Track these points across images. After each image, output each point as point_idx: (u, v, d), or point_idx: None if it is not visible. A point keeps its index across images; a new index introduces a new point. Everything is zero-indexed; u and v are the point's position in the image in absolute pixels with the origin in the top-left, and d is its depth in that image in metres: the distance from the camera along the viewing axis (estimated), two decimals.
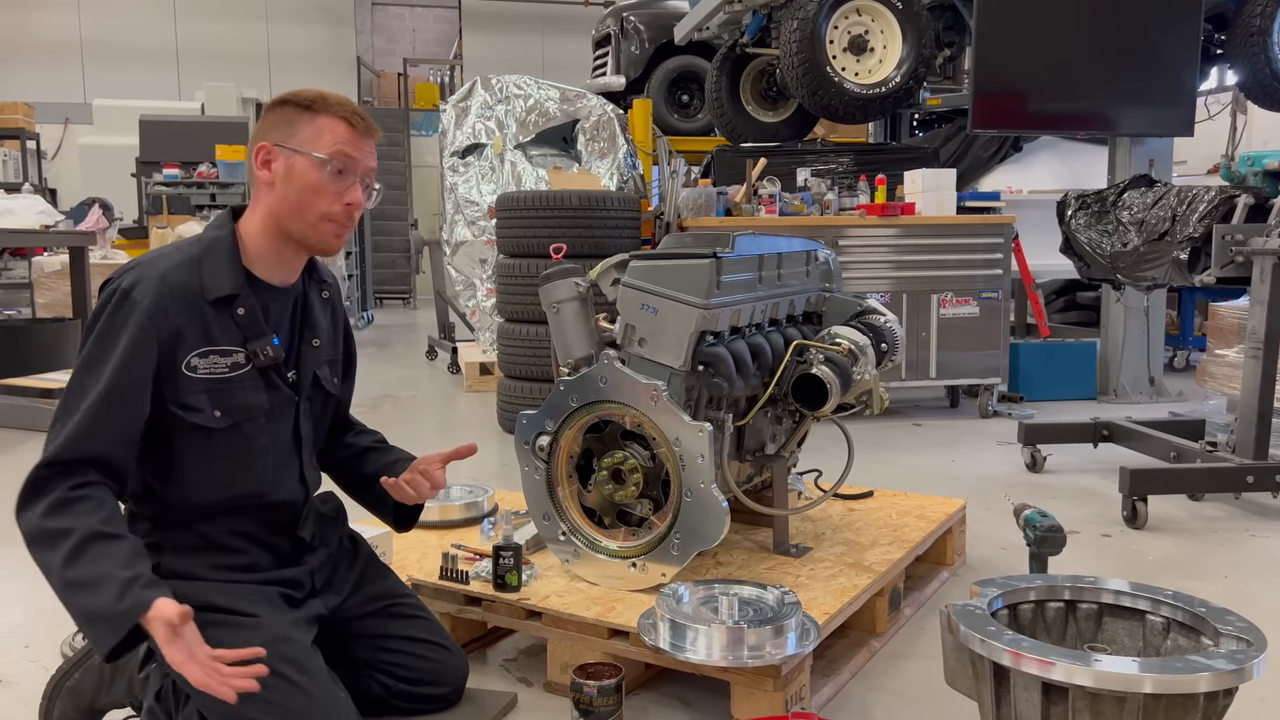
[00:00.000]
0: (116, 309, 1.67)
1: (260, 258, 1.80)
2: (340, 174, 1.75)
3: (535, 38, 16.11)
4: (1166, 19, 5.60)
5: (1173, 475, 3.58)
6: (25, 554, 1.63)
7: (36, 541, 1.59)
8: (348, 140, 1.76)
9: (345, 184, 1.76)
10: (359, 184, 1.78)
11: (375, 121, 1.83)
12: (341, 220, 1.78)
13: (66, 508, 1.59)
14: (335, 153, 1.74)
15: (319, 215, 1.76)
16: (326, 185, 1.74)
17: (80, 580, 1.55)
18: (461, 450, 1.95)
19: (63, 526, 1.58)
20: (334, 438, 2.08)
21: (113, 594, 1.53)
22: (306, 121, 1.75)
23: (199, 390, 1.72)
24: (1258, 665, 1.49)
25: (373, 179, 1.83)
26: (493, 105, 7.08)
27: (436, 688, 1.98)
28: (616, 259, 2.34)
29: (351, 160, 1.76)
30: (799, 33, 5.60)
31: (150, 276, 1.69)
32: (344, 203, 1.76)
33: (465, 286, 7.37)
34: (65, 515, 1.59)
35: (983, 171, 7.96)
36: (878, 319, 2.69)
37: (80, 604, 1.56)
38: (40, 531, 1.59)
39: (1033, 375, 5.85)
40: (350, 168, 1.76)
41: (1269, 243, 3.41)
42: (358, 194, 1.78)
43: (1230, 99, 9.05)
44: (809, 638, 1.96)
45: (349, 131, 1.76)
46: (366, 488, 2.06)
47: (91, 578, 1.55)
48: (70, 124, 14.40)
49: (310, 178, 1.74)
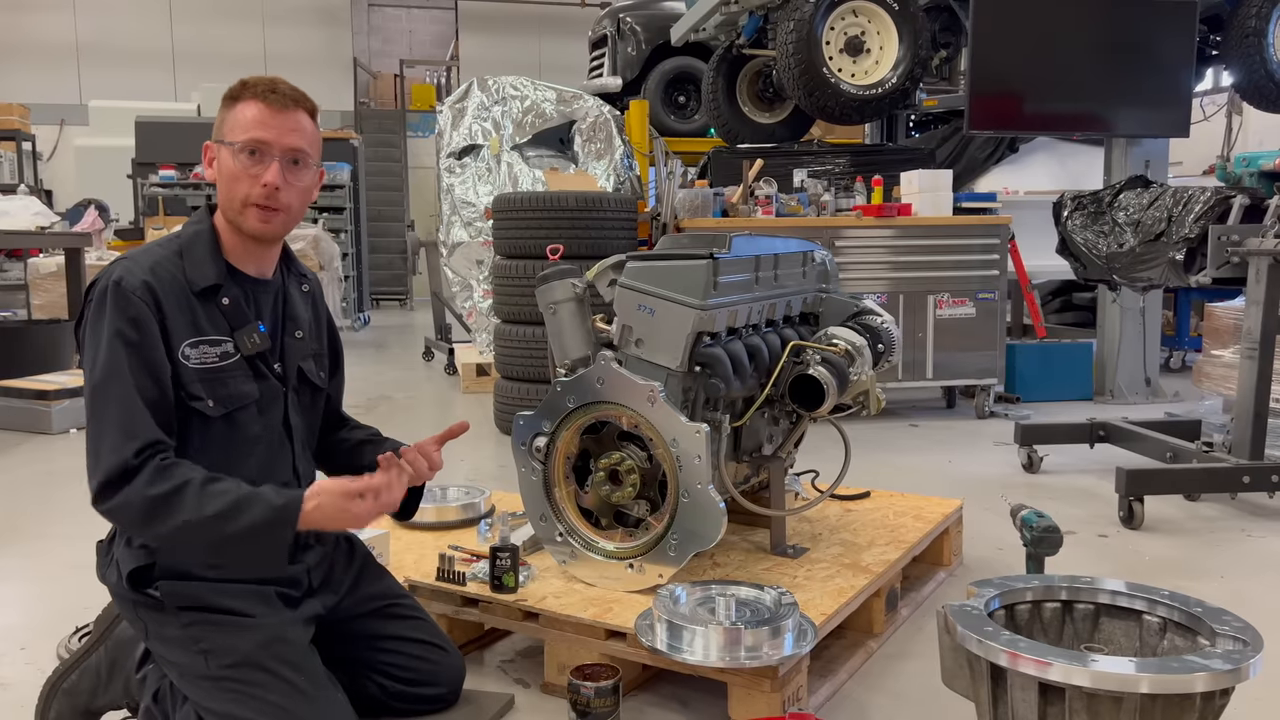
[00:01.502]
0: (114, 298, 1.68)
1: (233, 250, 1.82)
2: (254, 155, 1.75)
3: (532, 39, 16.12)
4: (1162, 20, 5.62)
5: (1169, 475, 3.58)
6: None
7: (155, 510, 1.62)
8: (260, 121, 1.75)
9: (262, 165, 1.75)
10: (277, 163, 1.76)
11: (380, 121, 1.84)
12: (262, 202, 1.76)
13: (166, 472, 1.64)
14: (247, 140, 1.74)
15: (241, 201, 1.77)
16: (243, 171, 1.75)
17: (224, 510, 1.62)
18: (454, 429, 1.97)
19: (174, 484, 1.62)
20: (328, 434, 2.08)
21: (267, 500, 1.66)
22: (230, 112, 1.78)
23: (194, 379, 1.73)
24: (1254, 665, 1.49)
25: (300, 154, 1.79)
26: (489, 106, 7.08)
27: (433, 688, 1.98)
28: (613, 260, 2.34)
29: (264, 143, 1.75)
30: (795, 34, 5.61)
31: (137, 269, 1.71)
32: (260, 184, 1.75)
33: (462, 288, 7.37)
34: (170, 478, 1.63)
35: (979, 172, 7.97)
36: (874, 320, 2.69)
37: (237, 527, 1.63)
38: (153, 500, 1.61)
39: (1029, 376, 5.85)
40: (264, 149, 1.75)
41: (1264, 243, 3.41)
42: (274, 173, 1.75)
43: (1226, 100, 9.08)
44: (806, 638, 1.96)
45: (263, 110, 1.75)
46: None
47: (232, 504, 1.63)
48: (66, 125, 14.39)
49: (230, 166, 1.76)
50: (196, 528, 1.62)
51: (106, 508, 1.64)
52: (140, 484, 1.61)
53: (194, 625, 1.70)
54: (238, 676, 1.67)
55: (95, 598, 1.98)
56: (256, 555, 1.70)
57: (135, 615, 1.76)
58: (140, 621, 1.76)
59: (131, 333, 1.67)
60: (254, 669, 1.68)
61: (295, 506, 1.67)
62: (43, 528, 3.40)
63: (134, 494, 1.61)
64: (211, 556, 1.71)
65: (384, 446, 2.05)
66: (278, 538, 1.67)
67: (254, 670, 1.68)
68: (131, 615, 1.77)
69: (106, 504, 1.64)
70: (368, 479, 1.73)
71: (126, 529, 1.70)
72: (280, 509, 1.66)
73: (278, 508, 1.66)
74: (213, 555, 1.70)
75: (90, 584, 1.87)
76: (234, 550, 1.67)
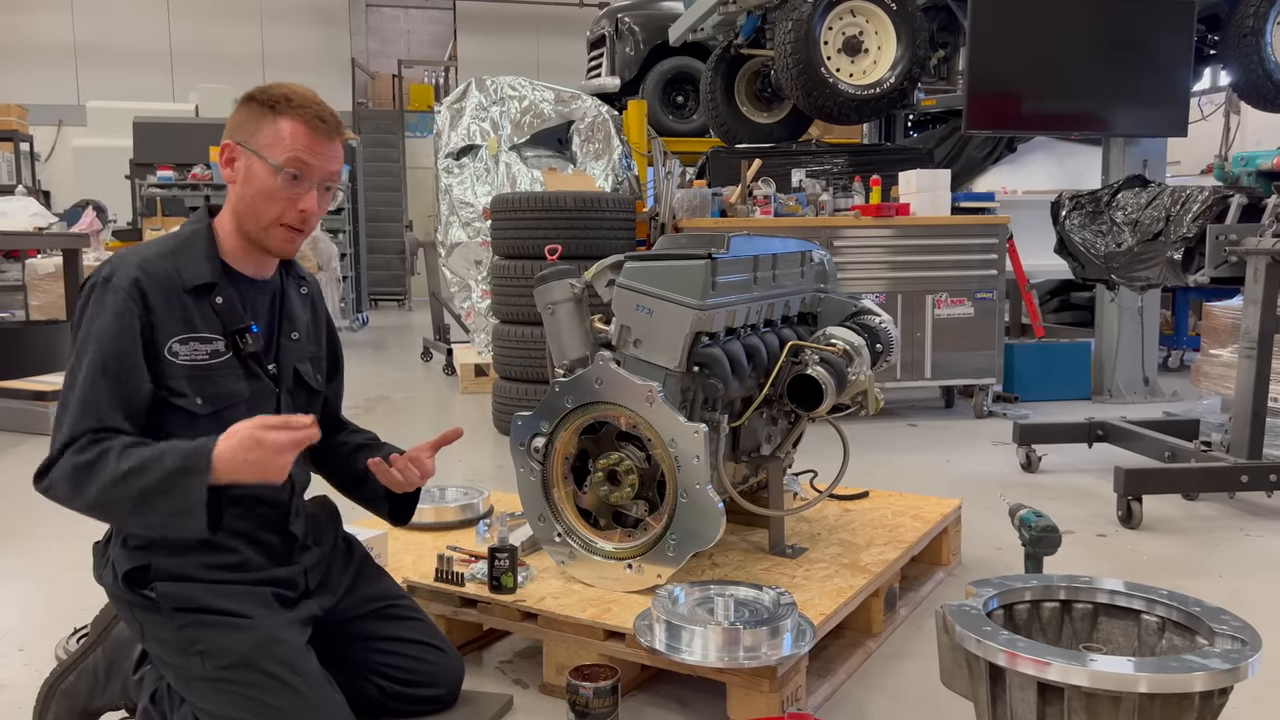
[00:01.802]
0: (99, 296, 1.69)
1: (234, 251, 1.82)
2: (295, 179, 1.74)
3: (530, 39, 16.11)
4: (1160, 20, 5.62)
5: (1168, 475, 3.58)
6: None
7: (79, 477, 1.60)
8: (306, 145, 1.74)
9: (300, 190, 1.75)
10: (315, 189, 1.77)
11: (378, 121, 1.84)
12: (294, 225, 1.78)
13: (93, 445, 1.62)
14: (291, 159, 1.73)
15: (271, 220, 1.76)
16: (280, 191, 1.74)
17: (138, 465, 1.59)
18: (447, 435, 1.95)
19: (98, 451, 1.61)
20: (325, 438, 2.07)
21: (178, 450, 1.60)
22: (268, 123, 1.75)
23: (181, 376, 1.73)
24: (1253, 664, 1.49)
25: (334, 181, 1.81)
26: (487, 107, 7.07)
27: (432, 689, 1.98)
28: (611, 260, 2.34)
29: (308, 167, 1.75)
30: (793, 34, 5.61)
31: (128, 265, 1.72)
32: (298, 209, 1.76)
33: (460, 288, 7.36)
34: (95, 446, 1.62)
35: (977, 172, 7.98)
36: (873, 319, 2.69)
37: (150, 479, 1.58)
38: (77, 468, 1.60)
39: (1028, 375, 5.86)
40: (306, 174, 1.75)
41: (1263, 243, 3.42)
42: (312, 200, 1.77)
43: (1223, 99, 9.09)
44: (805, 638, 1.96)
45: (308, 136, 1.74)
46: (360, 485, 2.06)
47: (146, 458, 1.59)
48: (64, 126, 14.37)
49: (265, 183, 1.74)
50: (113, 487, 1.59)
51: (41, 486, 1.64)
52: (68, 456, 1.61)
53: (190, 626, 1.69)
54: (234, 678, 1.67)
55: (93, 599, 1.98)
56: (176, 511, 1.59)
57: (132, 616, 1.76)
58: (137, 623, 1.75)
59: (109, 330, 1.67)
60: (251, 670, 1.67)
61: (207, 450, 1.59)
62: (40, 529, 3.40)
63: (63, 465, 1.61)
64: (135, 521, 1.66)
65: (380, 451, 2.05)
66: (193, 485, 1.57)
67: (251, 672, 1.67)
68: (128, 616, 1.77)
69: (41, 483, 1.64)
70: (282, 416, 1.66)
71: (61, 503, 1.65)
72: (191, 454, 1.59)
73: (188, 451, 1.59)
74: (136, 519, 1.64)
75: (88, 585, 1.87)
76: (154, 508, 1.60)
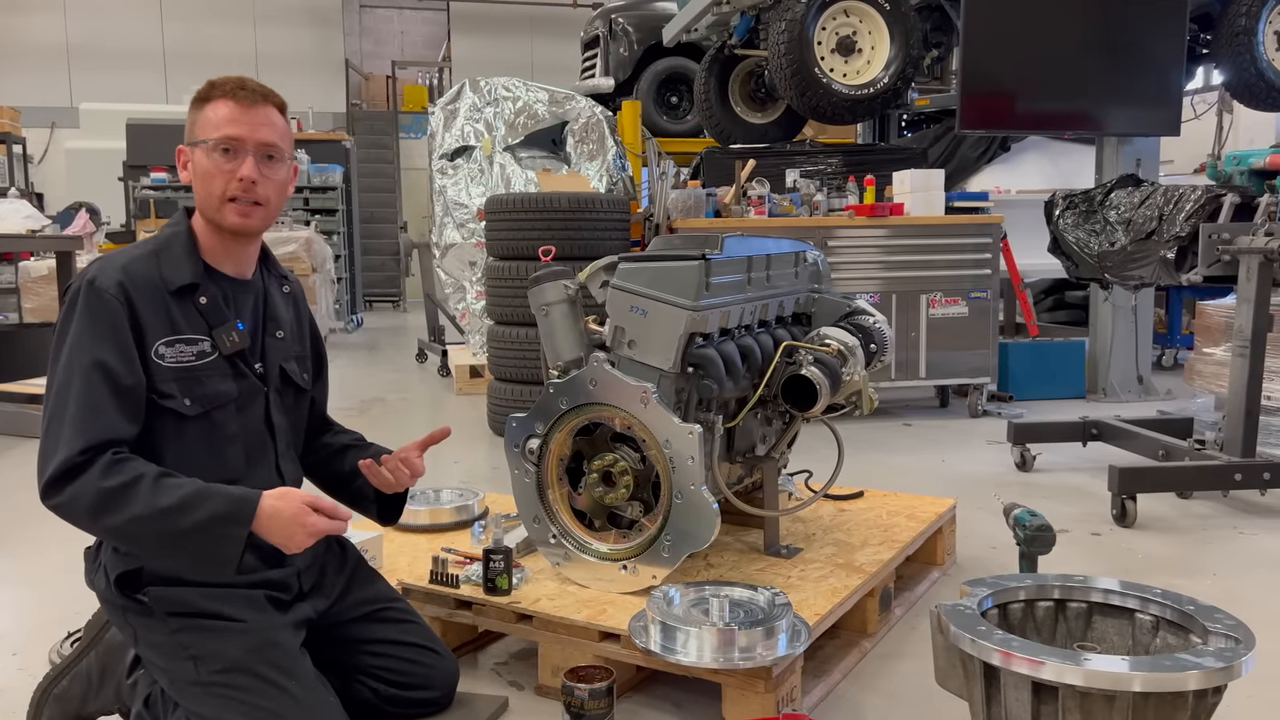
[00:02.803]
0: (85, 298, 1.69)
1: (212, 249, 1.83)
2: (228, 153, 1.77)
3: (524, 40, 16.09)
4: (1152, 19, 5.63)
5: (1161, 473, 3.59)
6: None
7: (105, 502, 1.59)
8: (231, 119, 1.76)
9: (237, 161, 1.77)
10: (252, 158, 1.78)
11: (372, 122, 1.85)
12: (240, 195, 1.78)
13: (119, 466, 1.61)
14: (220, 137, 1.76)
15: (218, 197, 1.78)
16: (217, 168, 1.77)
17: (178, 504, 1.59)
18: (435, 435, 1.97)
19: (128, 478, 1.60)
20: (312, 439, 2.08)
21: (224, 496, 1.62)
22: (198, 113, 1.80)
23: (169, 378, 1.73)
24: (1246, 663, 1.49)
25: (273, 150, 1.81)
26: (481, 107, 7.07)
27: (427, 692, 1.98)
28: (606, 261, 2.34)
29: (237, 140, 1.77)
30: (787, 34, 5.61)
31: (111, 269, 1.72)
32: (236, 179, 1.77)
33: (455, 289, 7.36)
34: (122, 471, 1.61)
35: (971, 172, 7.99)
36: (867, 320, 2.70)
37: (189, 521, 1.59)
38: (105, 492, 1.59)
39: (1022, 375, 5.87)
40: (237, 146, 1.77)
41: (1255, 241, 3.42)
42: (250, 168, 1.77)
43: (1216, 98, 9.11)
44: (800, 639, 1.96)
45: (233, 108, 1.77)
46: (347, 485, 2.06)
47: (188, 497, 1.60)
48: (57, 128, 14.33)
49: (204, 165, 1.77)
50: (147, 521, 1.58)
51: (55, 502, 1.62)
52: (93, 476, 1.59)
53: (183, 631, 1.69)
54: (228, 682, 1.67)
55: (86, 603, 1.97)
56: (208, 554, 1.63)
57: (124, 621, 1.75)
58: (129, 627, 1.75)
59: (100, 332, 1.67)
60: (244, 674, 1.67)
61: (253, 503, 1.64)
62: (33, 532, 3.38)
63: (85, 486, 1.59)
64: (159, 554, 1.67)
65: (367, 452, 2.05)
66: (231, 535, 1.61)
67: (244, 675, 1.67)
68: (120, 621, 1.76)
69: (55, 499, 1.61)
70: (332, 502, 1.73)
71: (75, 523, 1.64)
72: (238, 501, 1.63)
73: (235, 499, 1.63)
74: (161, 553, 1.66)
75: (81, 589, 1.86)
76: (185, 547, 1.62)
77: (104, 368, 1.65)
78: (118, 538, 1.67)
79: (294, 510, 1.65)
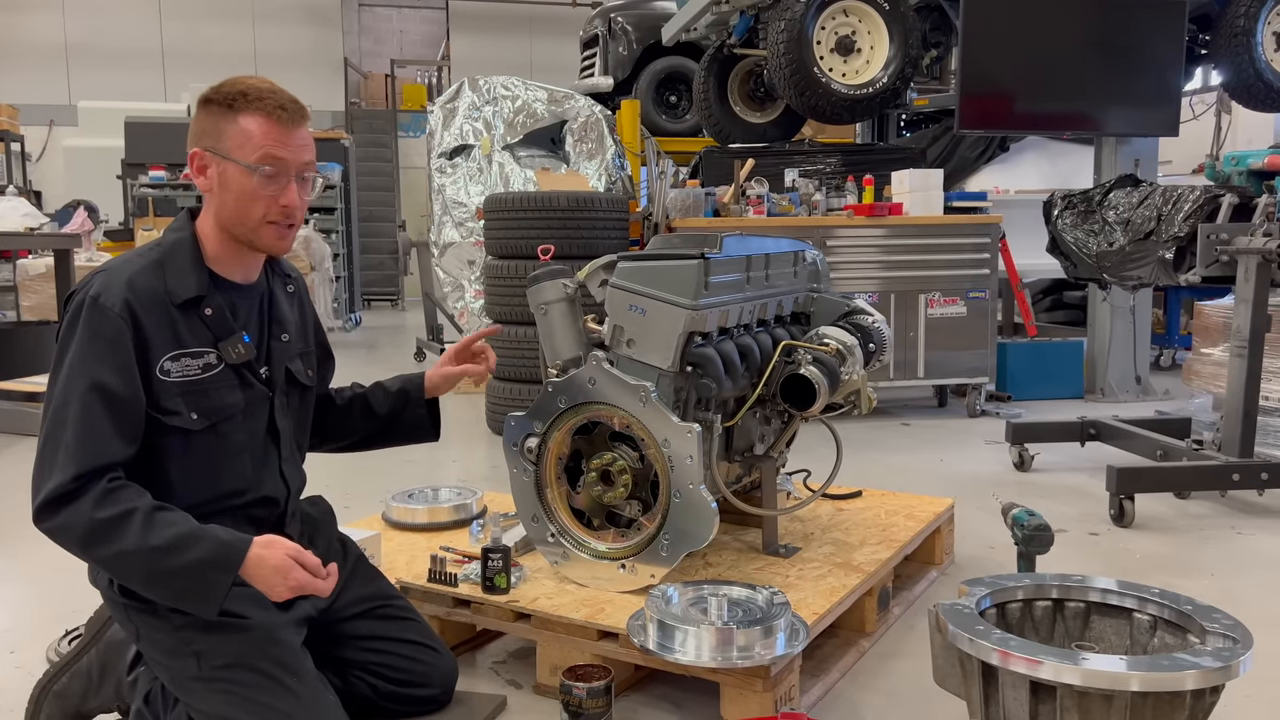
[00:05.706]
0: (89, 316, 1.65)
1: (220, 257, 1.79)
2: (271, 176, 1.72)
3: (523, 39, 16.08)
4: (1151, 20, 5.64)
5: (1159, 473, 3.59)
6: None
7: (96, 534, 1.57)
8: (273, 139, 1.70)
9: (279, 186, 1.73)
10: (293, 181, 1.74)
11: (371, 121, 1.84)
12: (281, 221, 1.76)
13: (113, 495, 1.59)
14: (263, 157, 1.70)
15: (257, 220, 1.74)
16: (259, 191, 1.71)
17: (168, 544, 1.57)
18: (487, 331, 2.26)
19: (121, 510, 1.58)
20: (324, 416, 2.09)
21: (213, 540, 1.59)
22: (230, 123, 1.71)
23: (175, 394, 1.71)
24: (1244, 662, 1.50)
25: (310, 169, 1.78)
26: (480, 106, 7.07)
27: (425, 689, 1.98)
28: (604, 260, 2.34)
29: (281, 161, 1.71)
30: (786, 33, 5.61)
31: (116, 283, 1.67)
32: (280, 205, 1.73)
33: (453, 288, 7.36)
34: (116, 502, 1.59)
35: (970, 171, 7.99)
36: (865, 319, 2.70)
37: (178, 562, 1.57)
38: (97, 523, 1.57)
39: (1020, 374, 5.87)
40: (281, 168, 1.72)
41: (1253, 242, 3.43)
42: (292, 194, 1.74)
43: (1215, 99, 9.12)
44: (798, 638, 1.97)
45: (273, 128, 1.70)
46: (392, 421, 2.13)
47: (178, 538, 1.58)
48: (55, 126, 14.32)
49: (242, 185, 1.71)
50: (136, 557, 1.57)
51: (47, 527, 1.60)
52: (85, 505, 1.57)
53: (185, 628, 1.69)
54: (229, 678, 1.67)
55: (84, 601, 1.97)
56: (193, 595, 1.61)
57: (127, 618, 1.75)
58: (132, 625, 1.75)
59: (100, 352, 1.63)
60: (246, 670, 1.67)
61: (242, 550, 1.60)
62: (31, 531, 3.35)
63: (78, 515, 1.57)
64: (145, 588, 1.64)
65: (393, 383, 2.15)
66: (218, 582, 1.59)
67: (246, 671, 1.67)
68: (123, 618, 1.76)
69: (47, 523, 1.59)
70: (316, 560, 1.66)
71: (65, 548, 1.63)
72: (227, 547, 1.59)
73: (225, 544, 1.60)
74: (147, 588, 1.63)
75: (79, 587, 1.86)
76: (172, 586, 1.60)
77: (102, 389, 1.62)
78: (106, 568, 1.65)
79: (278, 561, 1.61)
